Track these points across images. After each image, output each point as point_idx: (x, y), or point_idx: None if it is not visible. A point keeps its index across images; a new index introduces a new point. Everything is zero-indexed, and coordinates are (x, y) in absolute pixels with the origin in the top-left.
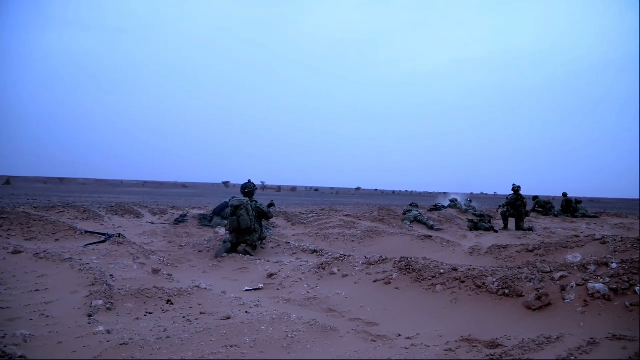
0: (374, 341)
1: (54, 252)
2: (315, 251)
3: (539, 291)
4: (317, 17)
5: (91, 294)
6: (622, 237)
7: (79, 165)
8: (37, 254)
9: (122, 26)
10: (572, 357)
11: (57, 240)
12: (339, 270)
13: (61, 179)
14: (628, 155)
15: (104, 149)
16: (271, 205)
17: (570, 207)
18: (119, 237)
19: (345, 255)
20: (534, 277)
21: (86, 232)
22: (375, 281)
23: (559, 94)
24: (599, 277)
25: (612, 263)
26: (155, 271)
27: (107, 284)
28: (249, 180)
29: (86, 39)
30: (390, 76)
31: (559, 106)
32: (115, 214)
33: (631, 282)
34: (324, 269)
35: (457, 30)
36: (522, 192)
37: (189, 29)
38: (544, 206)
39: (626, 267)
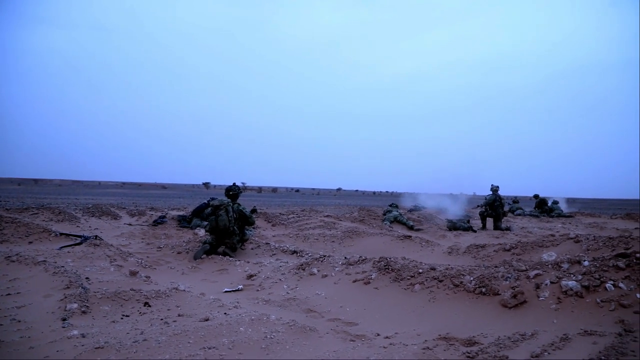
0: (352, 341)
1: (27, 254)
2: (295, 252)
3: (514, 289)
4: (301, 20)
5: (66, 297)
6: (594, 236)
7: (55, 166)
8: (9, 256)
9: (110, 26)
10: (546, 353)
11: (30, 242)
12: (318, 271)
13: (36, 180)
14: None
15: (81, 149)
16: (254, 211)
17: (543, 206)
18: (96, 239)
19: (325, 256)
20: (510, 275)
21: (61, 234)
22: (354, 281)
23: (546, 97)
24: (572, 275)
25: (584, 261)
26: (133, 273)
27: (82, 287)
28: (234, 184)
29: (74, 37)
30: (373, 79)
31: (544, 108)
32: (92, 216)
33: (602, 279)
34: (303, 269)
35: (441, 33)
36: (502, 192)
37: (176, 29)
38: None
39: (597, 265)
